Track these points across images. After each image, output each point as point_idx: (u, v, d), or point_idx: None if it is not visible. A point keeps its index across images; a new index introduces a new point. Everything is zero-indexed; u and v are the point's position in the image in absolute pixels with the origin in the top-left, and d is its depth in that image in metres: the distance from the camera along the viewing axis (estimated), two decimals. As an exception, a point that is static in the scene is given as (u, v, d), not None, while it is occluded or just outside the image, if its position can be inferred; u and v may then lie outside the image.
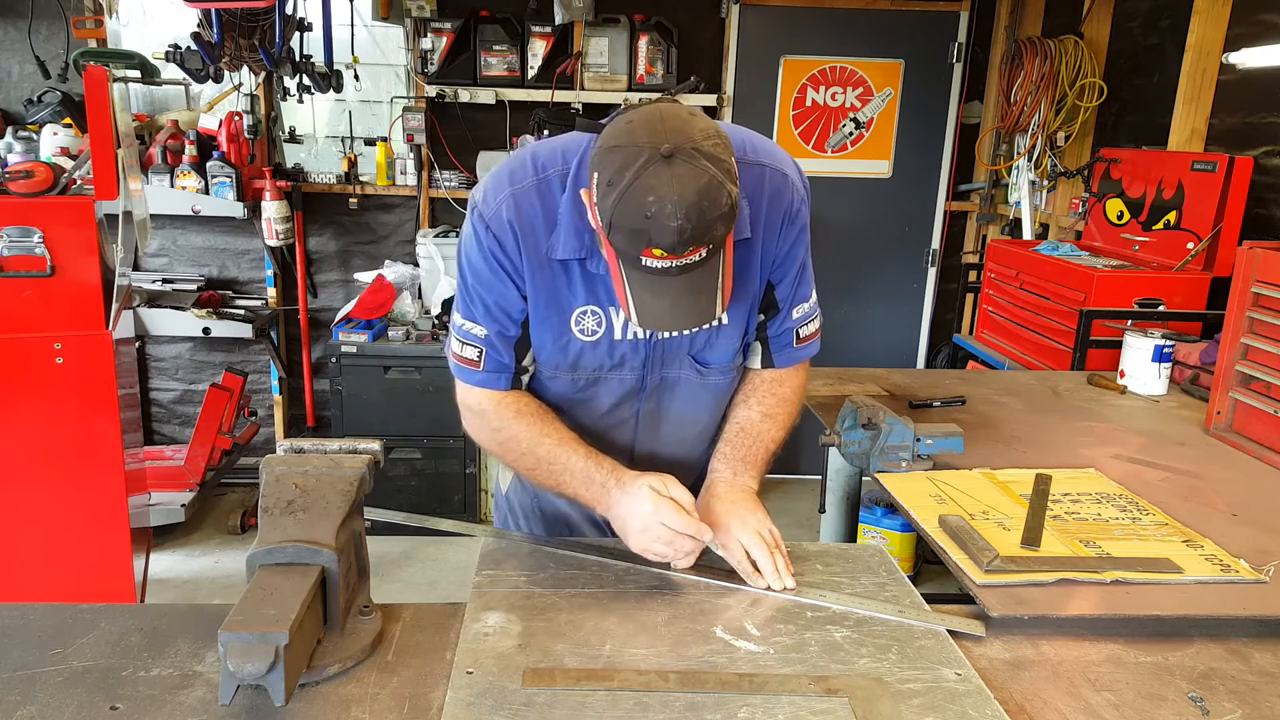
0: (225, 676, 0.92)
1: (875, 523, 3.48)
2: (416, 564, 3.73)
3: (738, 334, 1.41)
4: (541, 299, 1.33)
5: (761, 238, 1.35)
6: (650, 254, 1.11)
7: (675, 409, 1.46)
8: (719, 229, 1.12)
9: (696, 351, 1.41)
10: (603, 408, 1.45)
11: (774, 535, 1.31)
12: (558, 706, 0.99)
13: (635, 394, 1.44)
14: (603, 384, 1.42)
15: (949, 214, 4.46)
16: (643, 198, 1.08)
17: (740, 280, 1.35)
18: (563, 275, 1.32)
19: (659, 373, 1.42)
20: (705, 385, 1.45)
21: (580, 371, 1.40)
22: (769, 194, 1.34)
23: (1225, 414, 2.05)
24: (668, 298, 1.17)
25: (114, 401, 2.58)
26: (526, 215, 1.29)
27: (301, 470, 1.14)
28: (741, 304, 1.38)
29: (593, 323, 1.35)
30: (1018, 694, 1.09)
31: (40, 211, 2.48)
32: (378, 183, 4.18)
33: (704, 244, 1.11)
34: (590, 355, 1.38)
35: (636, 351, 1.39)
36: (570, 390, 1.43)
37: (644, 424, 1.47)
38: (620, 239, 1.12)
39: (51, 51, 3.73)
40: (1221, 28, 2.92)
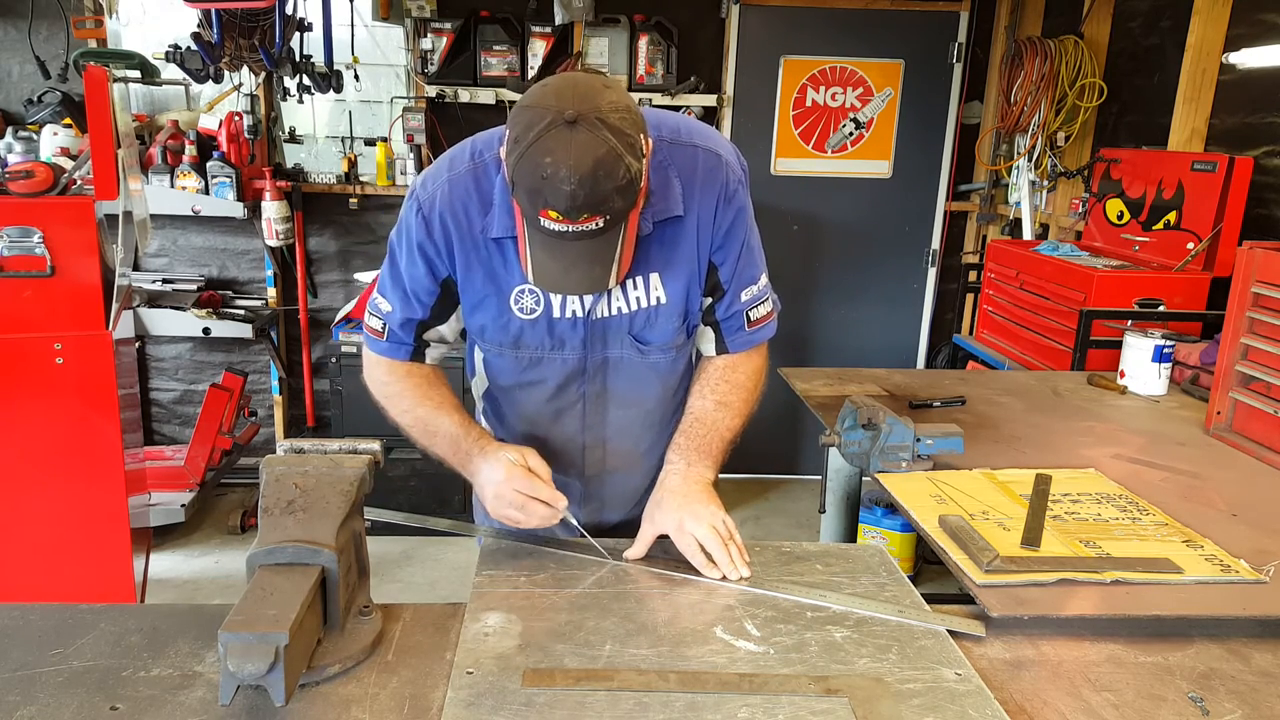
0: (225, 676, 0.92)
1: (875, 523, 3.48)
2: (416, 564, 3.73)
3: (676, 314, 1.42)
4: (478, 278, 1.38)
5: (696, 216, 1.37)
6: (547, 215, 1.14)
7: (620, 390, 1.48)
8: (616, 201, 1.15)
9: (637, 331, 1.43)
10: (549, 390, 1.48)
11: (728, 525, 1.33)
12: (558, 707, 0.99)
13: (579, 375, 1.46)
14: (546, 364, 1.45)
15: (949, 214, 4.46)
16: (540, 158, 1.11)
17: (677, 259, 1.38)
18: (499, 255, 1.36)
19: (601, 352, 1.44)
20: (648, 364, 1.47)
21: (523, 350, 1.44)
22: (702, 174, 1.36)
23: (1225, 414, 2.05)
24: (562, 261, 1.21)
25: (114, 401, 2.58)
26: (460, 199, 1.34)
27: (301, 470, 1.14)
28: (678, 282, 1.40)
29: (531, 301, 1.39)
30: (1018, 694, 1.09)
31: (40, 211, 2.48)
32: (378, 183, 4.18)
33: (600, 213, 1.14)
34: (530, 333, 1.42)
35: (575, 330, 1.41)
36: (516, 371, 1.47)
37: (591, 407, 1.50)
38: (521, 197, 1.16)
39: (51, 51, 3.73)
40: (1221, 28, 2.92)
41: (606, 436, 1.52)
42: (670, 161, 1.34)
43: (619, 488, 1.58)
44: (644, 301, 1.40)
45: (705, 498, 1.36)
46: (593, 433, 1.52)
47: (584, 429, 1.51)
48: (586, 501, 1.58)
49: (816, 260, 4.39)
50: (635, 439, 1.54)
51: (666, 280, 1.39)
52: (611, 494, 1.59)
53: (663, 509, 1.35)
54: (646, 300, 1.40)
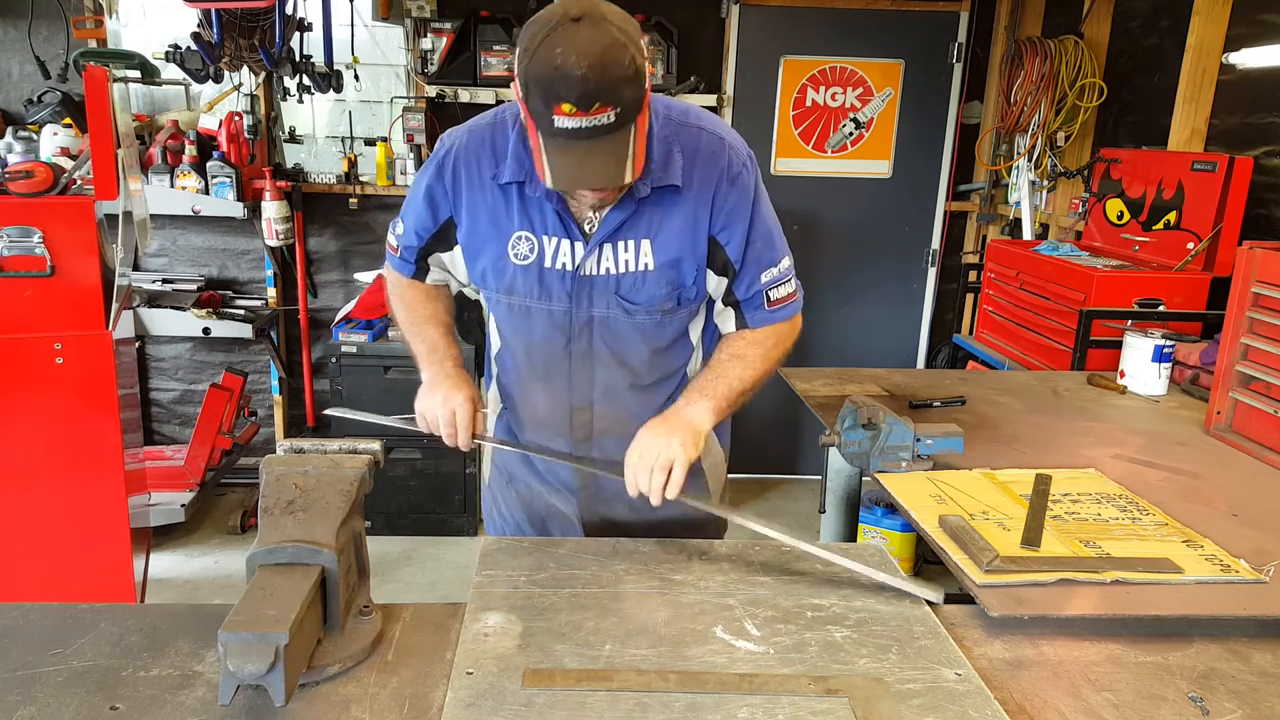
0: (225, 676, 0.92)
1: (875, 523, 3.48)
2: (416, 564, 3.73)
3: (665, 280, 1.47)
4: (482, 222, 1.48)
5: (695, 192, 1.43)
6: (560, 110, 1.20)
7: (607, 350, 1.53)
8: (625, 91, 1.21)
9: (624, 292, 1.48)
10: (538, 344, 1.55)
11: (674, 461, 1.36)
12: (558, 707, 0.99)
13: (566, 330, 1.52)
14: (535, 315, 1.52)
15: (949, 214, 4.46)
16: (551, 51, 1.19)
17: (670, 229, 1.45)
18: (503, 202, 1.46)
19: (587, 310, 1.50)
20: (634, 325, 1.51)
21: (514, 297, 1.52)
22: (703, 153, 1.44)
23: (1225, 414, 2.05)
24: (577, 156, 1.25)
25: (114, 401, 2.58)
26: (474, 149, 1.47)
27: (301, 470, 1.14)
28: (668, 252, 1.46)
29: (525, 248, 1.47)
30: (1018, 694, 1.09)
31: (40, 211, 2.48)
32: (378, 183, 4.18)
33: (611, 104, 1.20)
34: (522, 280, 1.49)
35: (563, 283, 1.48)
36: (511, 323, 1.57)
37: (578, 366, 1.54)
38: (535, 99, 1.22)
39: (51, 51, 3.72)
40: (1221, 28, 2.92)
41: (594, 399, 1.57)
42: (675, 138, 1.42)
43: (610, 452, 1.58)
44: (632, 265, 1.46)
45: (677, 431, 1.39)
46: (580, 394, 1.56)
47: (571, 390, 1.56)
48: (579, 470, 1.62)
49: (816, 260, 4.39)
50: (623, 403, 1.57)
51: (656, 248, 1.45)
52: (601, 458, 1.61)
53: (643, 429, 1.42)
54: (635, 264, 1.46)
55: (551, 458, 1.62)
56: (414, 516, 3.95)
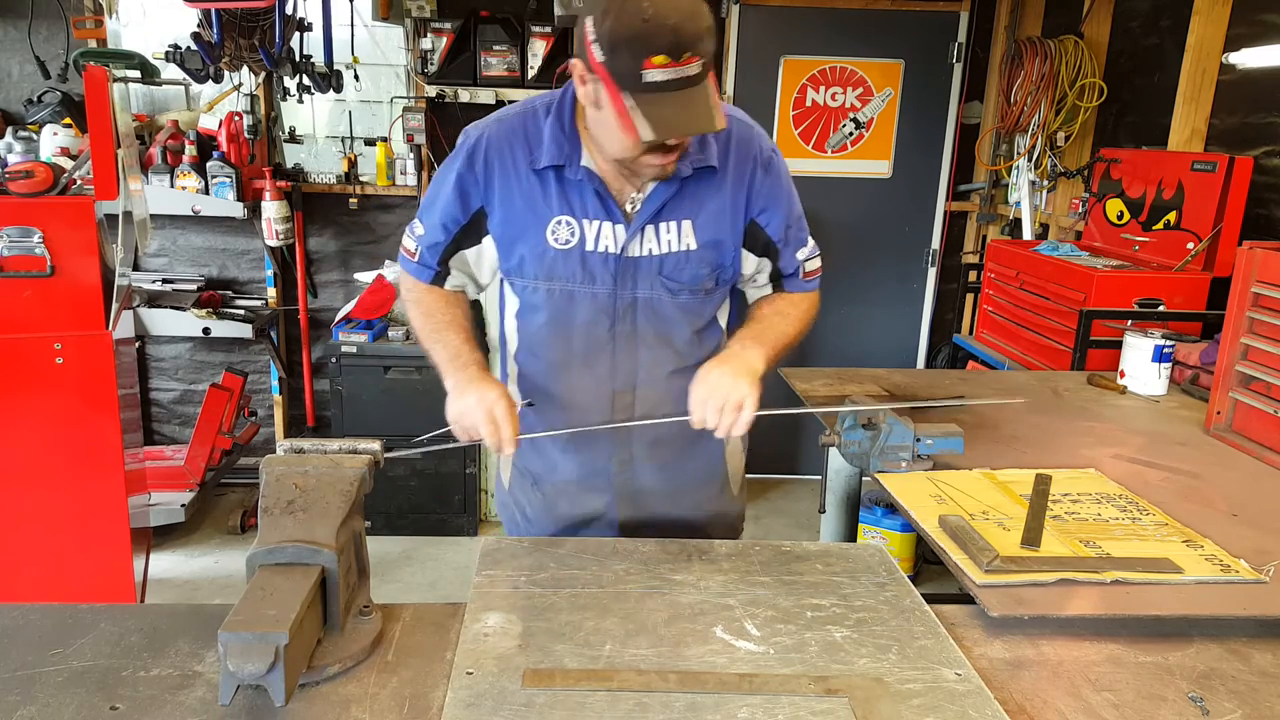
0: (225, 676, 0.92)
1: (875, 523, 3.48)
2: (416, 564, 3.73)
3: (705, 261, 1.52)
4: (518, 208, 1.49)
5: (731, 174, 1.50)
6: (652, 63, 1.22)
7: (650, 331, 1.54)
8: (706, 42, 1.25)
9: (667, 273, 1.51)
10: (580, 328, 1.54)
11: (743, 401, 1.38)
12: (558, 707, 0.99)
13: (610, 312, 1.52)
14: (578, 300, 1.52)
15: (949, 214, 4.46)
16: (638, 6, 1.21)
17: (709, 211, 1.50)
18: (539, 188, 1.47)
19: (631, 292, 1.51)
20: (677, 305, 1.54)
21: (555, 282, 1.51)
22: (736, 138, 1.50)
23: (1225, 414, 2.05)
24: (672, 107, 1.26)
25: (114, 401, 2.58)
26: (505, 138, 1.48)
27: (301, 470, 1.14)
28: (707, 232, 1.50)
29: (566, 232, 1.48)
30: (1018, 694, 1.09)
31: (40, 211, 2.48)
32: (378, 183, 4.18)
33: (697, 54, 1.23)
34: (563, 265, 1.49)
35: (607, 265, 1.49)
36: (549, 310, 1.54)
37: (622, 348, 1.54)
38: (622, 59, 1.24)
39: (51, 51, 3.73)
40: (1221, 28, 2.92)
41: (637, 381, 1.56)
42: None
43: (649, 436, 1.60)
44: (675, 245, 1.49)
45: (741, 372, 1.41)
46: (623, 376, 1.56)
47: (614, 373, 1.56)
48: (616, 452, 1.61)
49: (817, 260, 4.39)
50: (665, 385, 1.57)
51: (698, 228, 1.50)
52: (641, 445, 1.61)
53: (705, 370, 1.42)
54: (677, 244, 1.50)
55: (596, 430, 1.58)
56: (414, 516, 3.95)
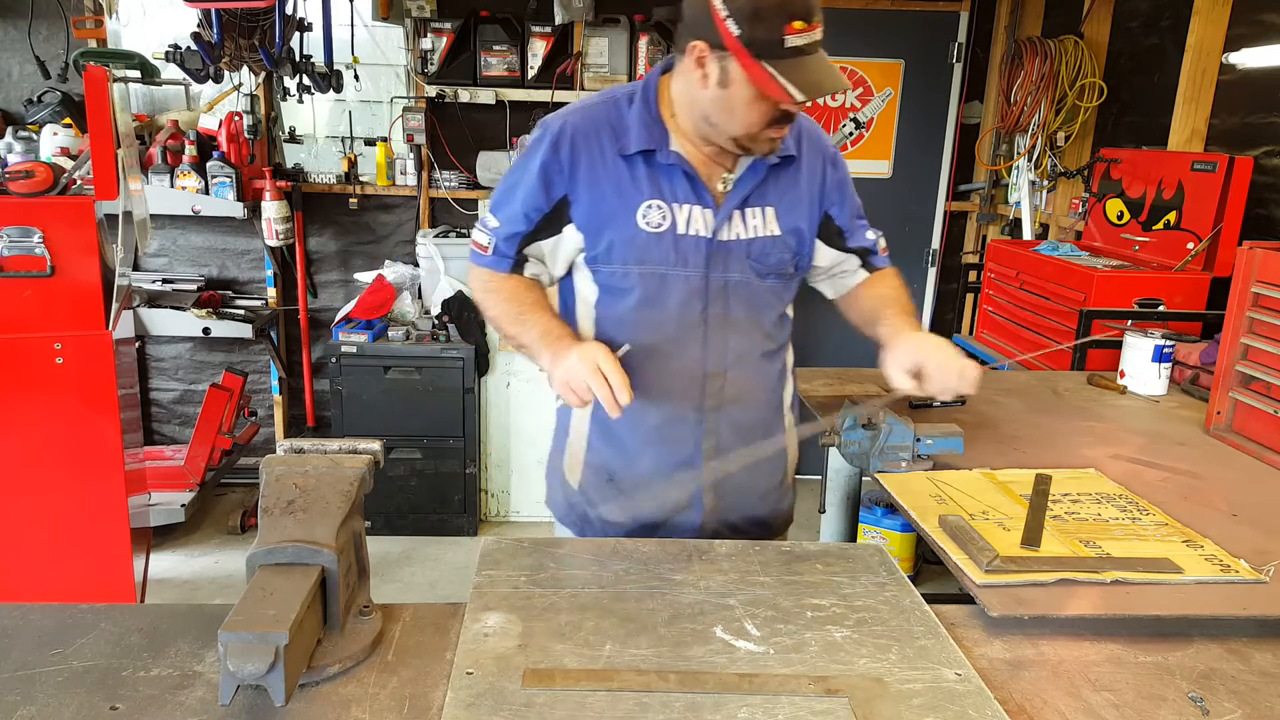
0: (225, 676, 0.92)
1: (875, 523, 3.48)
2: (416, 564, 3.73)
3: (787, 247, 1.58)
4: (607, 194, 1.51)
5: (805, 166, 1.59)
6: (792, 29, 1.30)
7: (741, 313, 1.57)
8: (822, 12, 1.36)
9: (755, 256, 1.55)
10: (672, 312, 1.54)
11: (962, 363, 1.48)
12: (558, 707, 0.99)
13: (701, 295, 1.54)
14: (670, 283, 1.53)
15: (949, 214, 4.46)
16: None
17: (789, 200, 1.58)
18: (628, 173, 1.50)
19: (722, 274, 1.54)
20: (766, 288, 1.59)
21: (646, 266, 1.52)
22: (808, 134, 1.60)
23: (1225, 414, 2.05)
24: (812, 68, 1.35)
25: (114, 401, 2.58)
26: (590, 126, 1.51)
27: (301, 470, 1.14)
28: (787, 219, 1.57)
29: (657, 216, 1.51)
30: (1018, 694, 1.09)
31: (40, 211, 2.48)
32: (378, 183, 4.18)
33: (821, 21, 1.35)
34: (655, 249, 1.51)
35: (698, 249, 1.52)
36: (640, 292, 1.54)
37: (714, 332, 1.56)
38: (759, 27, 1.31)
39: (51, 51, 3.73)
40: (1221, 28, 2.92)
41: (728, 364, 1.58)
42: None
43: (736, 421, 1.62)
44: (760, 231, 1.55)
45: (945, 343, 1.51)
46: (715, 359, 1.57)
47: (705, 356, 1.57)
48: (706, 438, 1.61)
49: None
50: (754, 367, 1.62)
51: (780, 215, 1.56)
52: (728, 429, 1.61)
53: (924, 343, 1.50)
54: (763, 229, 1.55)
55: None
56: (414, 516, 3.95)
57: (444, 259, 3.96)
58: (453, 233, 4.15)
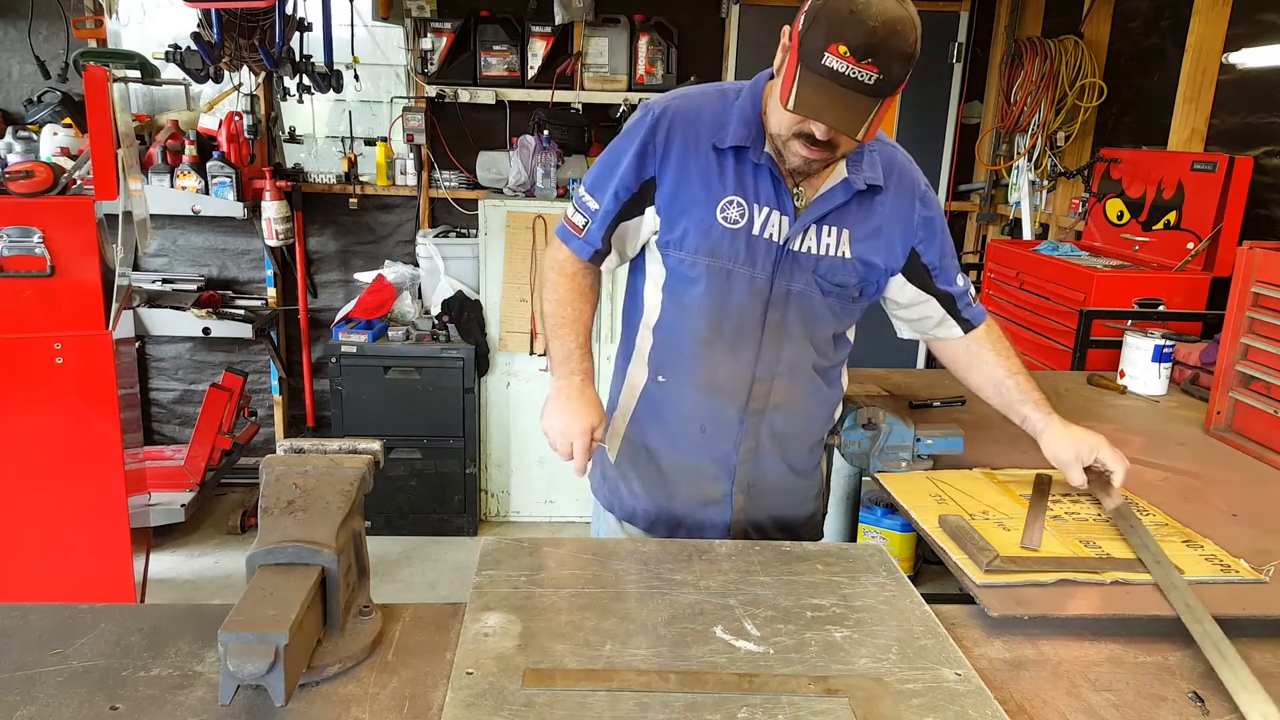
0: (225, 676, 0.92)
1: (875, 523, 3.48)
2: (416, 564, 3.73)
3: (855, 272, 1.57)
4: (693, 182, 1.51)
5: (892, 199, 1.57)
6: (835, 51, 1.26)
7: (798, 325, 1.58)
8: (895, 67, 1.28)
9: (822, 272, 1.55)
10: (733, 310, 1.55)
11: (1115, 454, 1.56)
12: (558, 707, 0.99)
13: (764, 299, 1.55)
14: (736, 280, 1.54)
15: (949, 214, 4.46)
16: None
17: (868, 227, 1.56)
18: (716, 166, 1.51)
19: (786, 282, 1.55)
20: (827, 305, 1.58)
21: (716, 259, 1.53)
22: (899, 165, 1.59)
23: (1225, 414, 2.05)
24: (827, 97, 1.30)
25: (114, 401, 2.58)
26: (693, 111, 1.52)
27: (301, 470, 1.14)
28: (862, 245, 1.56)
29: (735, 213, 1.51)
30: (1018, 694, 1.09)
31: (40, 211, 2.48)
32: (378, 183, 4.18)
33: (879, 67, 1.27)
34: (729, 244, 1.52)
35: (769, 253, 1.53)
36: (705, 284, 1.55)
37: (770, 336, 1.57)
38: (815, 34, 1.28)
39: (51, 51, 3.73)
40: (1221, 28, 2.92)
41: (778, 371, 1.59)
42: (875, 149, 1.56)
43: (778, 428, 1.63)
44: (832, 250, 1.55)
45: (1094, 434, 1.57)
46: (766, 365, 1.58)
47: (758, 360, 1.58)
48: (746, 439, 1.62)
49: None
50: (804, 379, 1.62)
51: (854, 239, 1.55)
52: (768, 435, 1.62)
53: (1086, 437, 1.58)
54: (835, 249, 1.55)
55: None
56: (414, 516, 3.95)
57: (444, 259, 3.96)
58: (452, 233, 4.16)
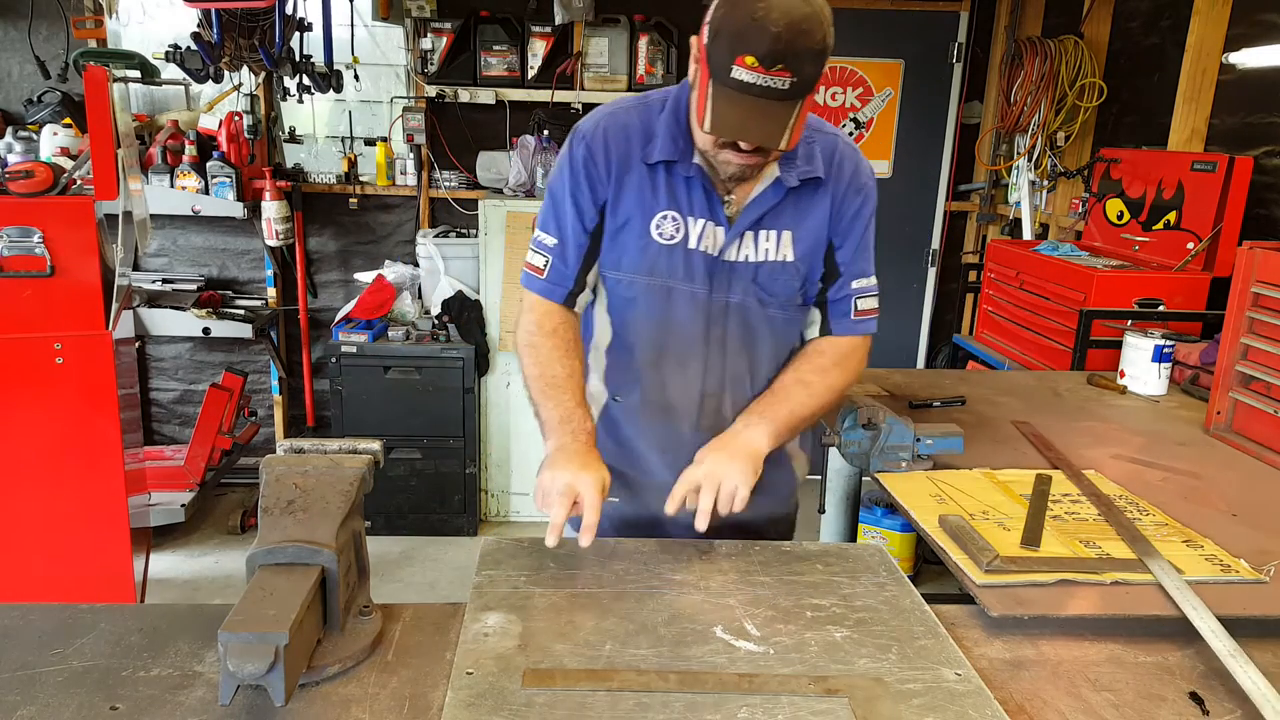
0: (225, 676, 0.92)
1: (875, 523, 3.48)
2: (416, 564, 3.73)
3: (798, 275, 1.53)
4: (629, 200, 1.48)
5: (831, 188, 1.51)
6: (743, 62, 1.22)
7: (741, 339, 1.54)
8: (807, 66, 1.23)
9: (761, 281, 1.51)
10: (677, 325, 1.52)
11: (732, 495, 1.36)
12: (558, 707, 0.99)
13: (706, 313, 1.52)
14: (676, 296, 1.51)
15: (949, 214, 4.46)
16: (753, 4, 1.21)
17: (808, 224, 1.51)
18: (649, 181, 1.47)
19: (725, 295, 1.51)
20: (766, 317, 1.54)
21: (655, 277, 1.50)
22: (840, 155, 1.52)
23: (1225, 414, 2.05)
24: (742, 110, 1.26)
25: (114, 401, 2.58)
26: (622, 128, 1.48)
27: (301, 470, 1.14)
28: (804, 245, 1.51)
29: (671, 228, 1.48)
30: (1018, 694, 1.09)
31: (40, 211, 2.48)
32: (378, 183, 4.18)
33: (791, 70, 1.22)
34: (665, 261, 1.49)
35: (705, 266, 1.49)
36: (645, 303, 1.52)
37: (714, 350, 1.54)
38: (720, 48, 1.25)
39: (51, 51, 3.73)
40: (1221, 28, 2.92)
41: (725, 387, 1.57)
42: (814, 140, 1.49)
43: None
44: (772, 254, 1.50)
45: (740, 462, 1.39)
46: (713, 380, 1.56)
47: (705, 375, 1.55)
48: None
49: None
50: (752, 394, 1.58)
51: (796, 240, 1.50)
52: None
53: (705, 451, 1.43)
54: (775, 254, 1.50)
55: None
56: (414, 516, 3.95)
57: (444, 259, 3.96)
58: (452, 233, 4.16)
